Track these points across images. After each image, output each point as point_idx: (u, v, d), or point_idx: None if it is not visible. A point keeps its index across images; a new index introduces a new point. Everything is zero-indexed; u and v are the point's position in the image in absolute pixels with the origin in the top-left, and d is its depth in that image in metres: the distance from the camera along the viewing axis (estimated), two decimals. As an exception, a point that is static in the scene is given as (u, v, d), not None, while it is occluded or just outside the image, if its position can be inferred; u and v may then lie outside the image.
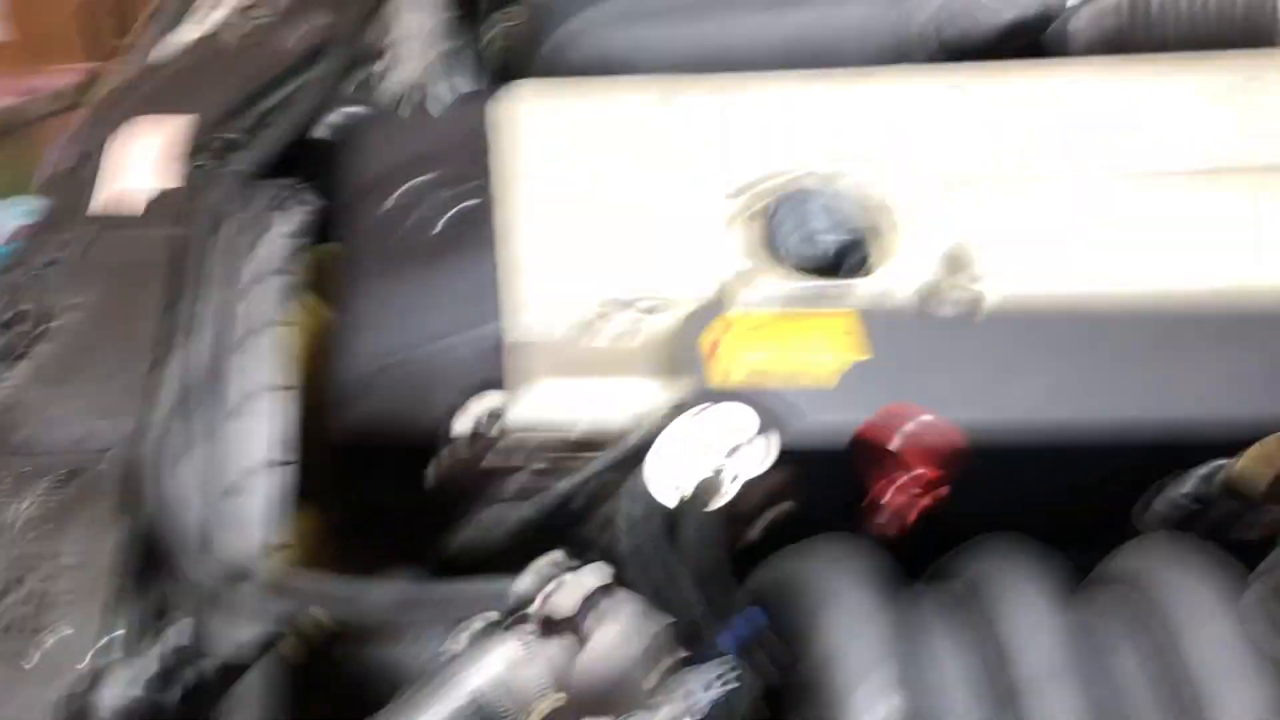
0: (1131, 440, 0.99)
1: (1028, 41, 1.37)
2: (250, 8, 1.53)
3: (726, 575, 0.95)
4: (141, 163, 1.34)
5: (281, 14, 1.53)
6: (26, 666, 0.93)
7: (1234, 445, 0.98)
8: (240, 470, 1.06)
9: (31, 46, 2.90)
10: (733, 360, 1.01)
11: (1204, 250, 1.11)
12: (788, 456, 0.99)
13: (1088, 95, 1.24)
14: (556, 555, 0.92)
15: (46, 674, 0.92)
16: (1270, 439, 0.97)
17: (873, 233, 1.10)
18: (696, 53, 1.44)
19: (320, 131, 1.36)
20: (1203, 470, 0.97)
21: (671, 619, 0.98)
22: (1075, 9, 1.36)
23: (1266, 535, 0.97)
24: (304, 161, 1.33)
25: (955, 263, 1.10)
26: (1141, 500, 1.00)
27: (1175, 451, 0.99)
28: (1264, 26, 1.35)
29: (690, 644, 0.98)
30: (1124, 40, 1.37)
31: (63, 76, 2.88)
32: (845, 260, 1.09)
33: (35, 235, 1.26)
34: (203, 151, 1.34)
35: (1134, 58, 1.31)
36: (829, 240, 1.09)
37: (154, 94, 1.42)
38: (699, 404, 0.99)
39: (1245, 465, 0.97)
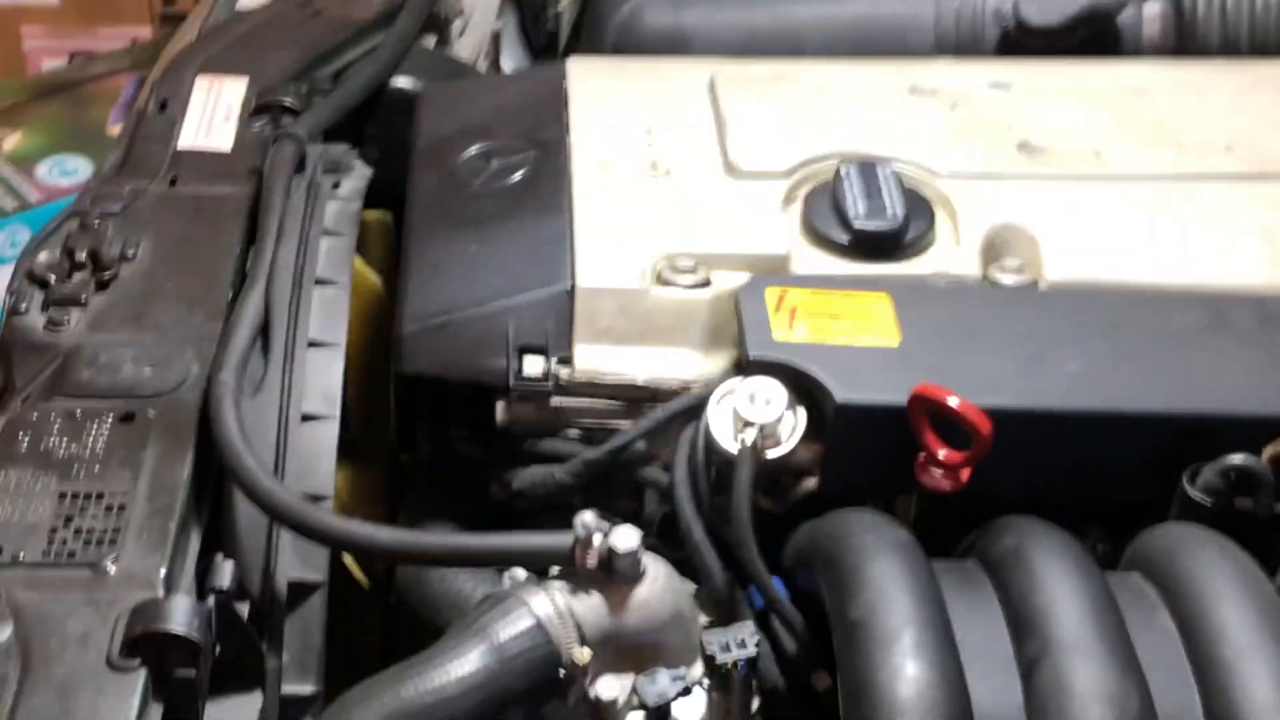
0: (1167, 427, 1.02)
1: (1102, 27, 1.40)
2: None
3: (754, 547, 0.99)
4: (207, 120, 1.38)
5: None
6: (89, 596, 0.97)
7: (1262, 436, 1.01)
8: (297, 418, 1.09)
9: (79, 11, 2.94)
10: (792, 323, 1.05)
11: (1242, 249, 1.14)
12: (822, 430, 1.03)
13: (1142, 93, 1.28)
14: (588, 516, 0.95)
15: (108, 603, 0.96)
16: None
17: (923, 216, 1.14)
18: (756, 35, 1.49)
19: (388, 93, 1.40)
20: (1229, 462, 1.00)
21: (698, 585, 1.03)
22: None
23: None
24: (371, 121, 1.37)
25: (1003, 248, 1.13)
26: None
27: (1207, 439, 1.02)
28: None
29: (717, 608, 1.03)
30: (1193, 35, 1.40)
31: (109, 41, 2.93)
32: (896, 242, 1.12)
33: (104, 185, 1.30)
34: (265, 113, 1.38)
35: (1189, 60, 1.35)
36: (879, 221, 1.12)
37: (222, 54, 1.46)
38: (743, 371, 1.03)
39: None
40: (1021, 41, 1.41)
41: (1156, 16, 1.40)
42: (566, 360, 1.08)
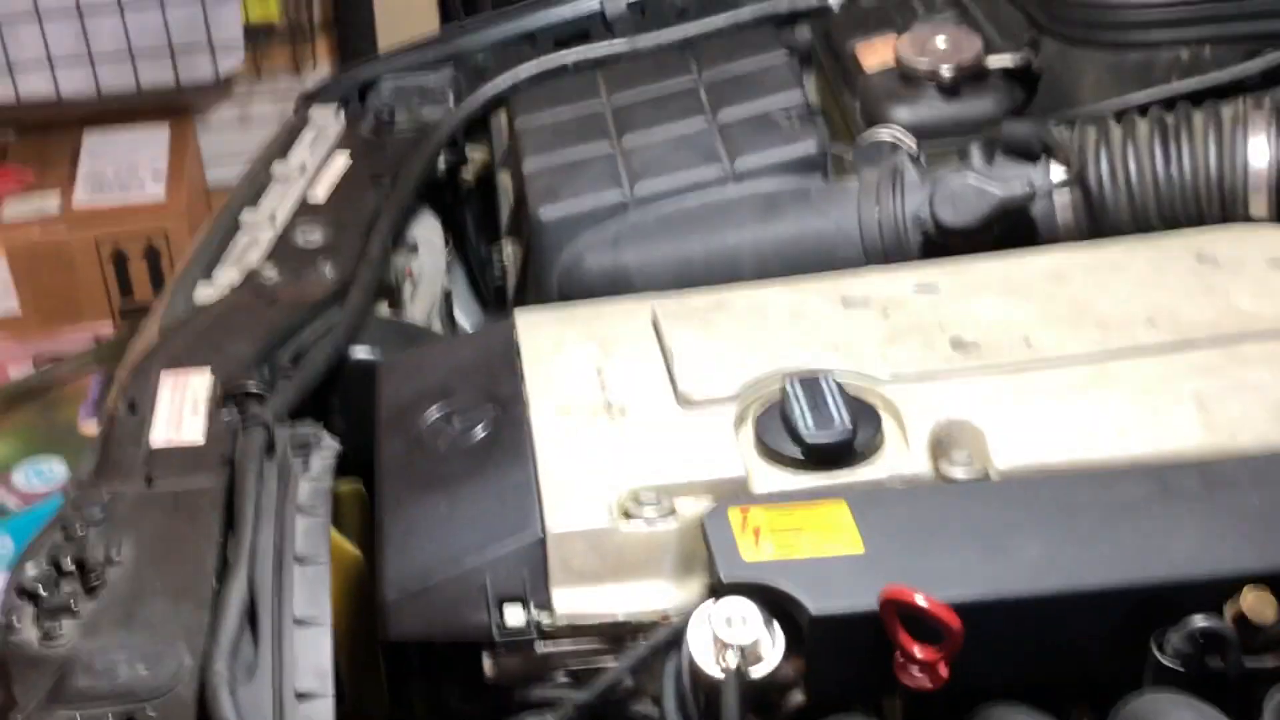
0: (1129, 597, 1.06)
1: (1016, 220, 1.47)
2: (259, 270, 1.64)
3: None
4: (175, 415, 1.42)
5: (293, 269, 1.64)
6: None
7: (1221, 595, 1.05)
8: (291, 697, 1.12)
9: (40, 315, 3.01)
10: (758, 543, 1.09)
11: (1178, 418, 1.19)
12: (800, 643, 1.06)
13: (1061, 279, 1.34)
14: None
15: None
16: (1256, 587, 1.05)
17: (869, 422, 1.18)
18: (693, 264, 1.55)
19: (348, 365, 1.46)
20: (1195, 625, 1.03)
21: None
22: (1059, 186, 1.47)
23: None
24: (334, 394, 1.42)
25: (950, 444, 1.18)
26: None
27: (1169, 605, 1.05)
28: (1235, 202, 1.45)
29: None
30: (1104, 217, 1.47)
31: (72, 341, 3.00)
32: (847, 450, 1.17)
33: (82, 491, 1.33)
34: (231, 401, 1.42)
35: (1103, 242, 1.42)
36: (828, 433, 1.16)
37: (184, 349, 1.51)
38: (717, 594, 1.07)
39: (1251, 605, 1.04)
40: (942, 243, 1.47)
41: (1068, 204, 1.47)
42: (546, 606, 1.12)
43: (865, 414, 1.19)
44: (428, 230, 1.84)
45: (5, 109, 3.09)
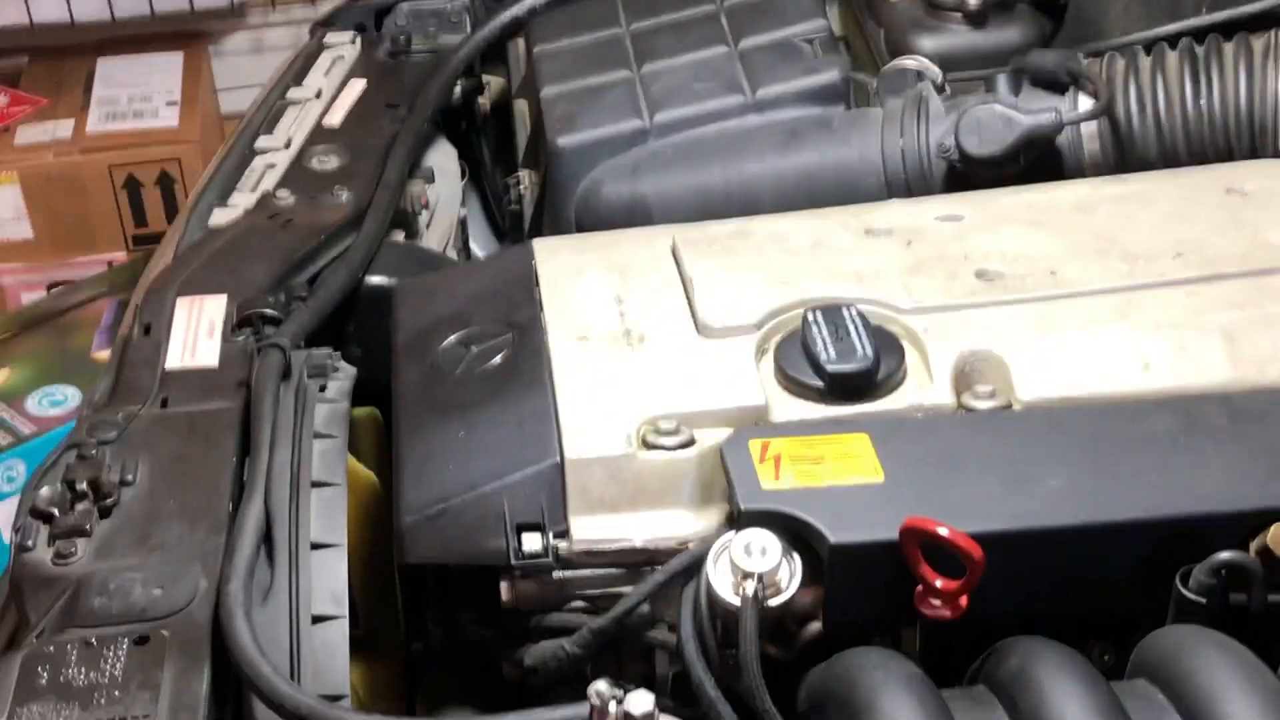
0: (1153, 531, 1.05)
1: (1042, 152, 1.45)
2: (274, 195, 1.63)
3: (767, 695, 1.01)
4: (191, 339, 1.41)
5: (309, 194, 1.63)
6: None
7: (1246, 530, 1.04)
8: (307, 620, 1.12)
9: (53, 242, 3.00)
10: (778, 472, 1.08)
11: (1205, 351, 1.17)
12: (819, 573, 1.05)
13: (1087, 211, 1.32)
14: (601, 685, 0.97)
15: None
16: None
17: (892, 353, 1.17)
18: (712, 195, 1.53)
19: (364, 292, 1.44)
20: (1219, 558, 1.02)
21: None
22: (1085, 116, 1.45)
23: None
24: (350, 320, 1.41)
25: (974, 375, 1.17)
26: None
27: (1194, 540, 1.04)
28: (1265, 135, 1.43)
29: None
30: (1131, 150, 1.45)
31: (85, 269, 2.98)
32: (869, 381, 1.15)
33: (97, 413, 1.33)
34: (247, 326, 1.41)
35: (1130, 175, 1.40)
36: (851, 363, 1.15)
37: (201, 273, 1.50)
38: (736, 523, 1.06)
39: (1276, 536, 1.03)
40: (967, 174, 1.45)
41: (1095, 135, 1.45)
42: (564, 533, 1.11)
43: (888, 344, 1.18)
44: (443, 158, 1.83)
45: (19, 32, 3.06)
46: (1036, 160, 1.45)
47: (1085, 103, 1.47)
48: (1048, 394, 1.16)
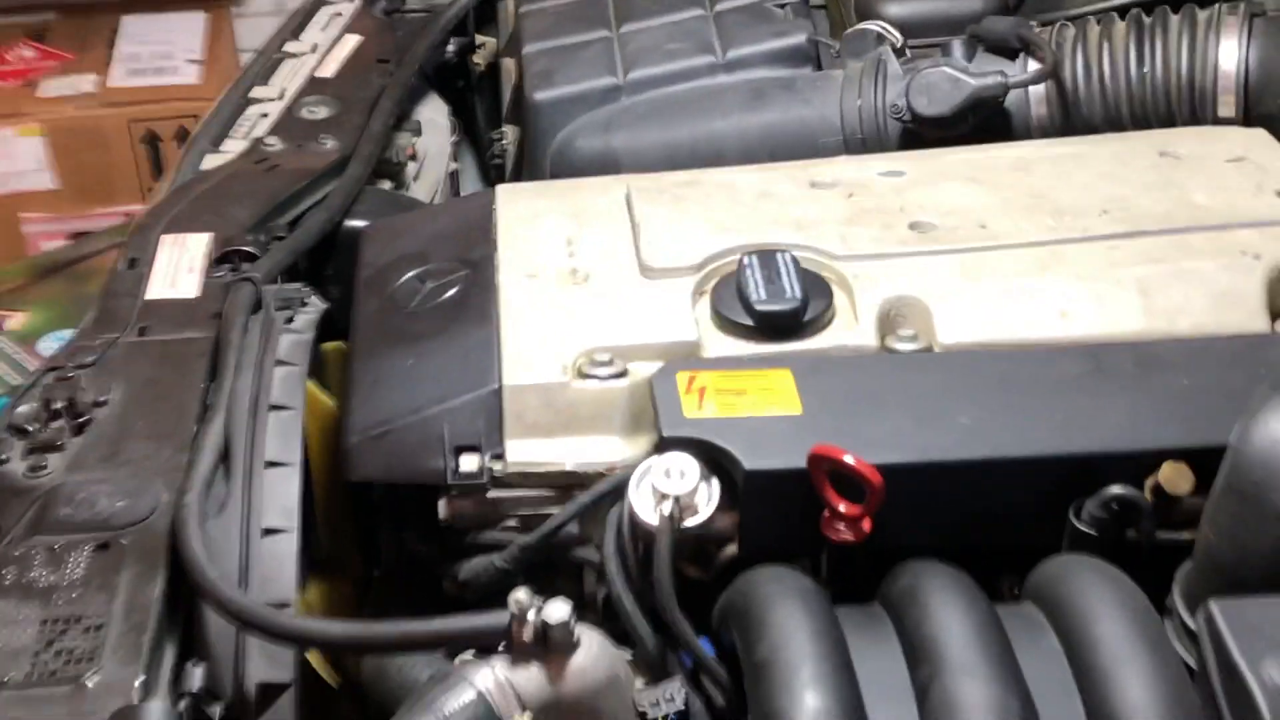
0: (1053, 467, 1.10)
1: (991, 113, 1.51)
2: (264, 140, 1.70)
3: (677, 609, 1.07)
4: (173, 272, 1.48)
5: (296, 141, 1.70)
6: (72, 709, 1.05)
7: (1143, 470, 1.10)
8: (258, 533, 1.19)
9: (75, 193, 3.08)
10: (701, 402, 1.14)
11: (1120, 302, 1.23)
12: (735, 498, 1.11)
13: (1024, 169, 1.38)
14: (521, 593, 1.04)
15: (89, 714, 1.05)
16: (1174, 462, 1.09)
17: (821, 295, 1.23)
18: (679, 149, 1.59)
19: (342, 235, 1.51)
20: (1110, 492, 1.08)
21: (630, 651, 1.11)
22: (1029, 80, 1.50)
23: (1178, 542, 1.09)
24: (329, 262, 1.48)
25: (898, 319, 1.23)
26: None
27: (1092, 477, 1.10)
28: (1204, 103, 1.48)
29: (651, 671, 1.11)
30: (1077, 113, 1.51)
31: (104, 220, 3.07)
32: (796, 320, 1.21)
33: (79, 340, 1.40)
34: (226, 262, 1.48)
35: (1072, 138, 1.46)
36: (779, 303, 1.21)
37: (187, 212, 1.57)
38: (660, 450, 1.12)
39: (1168, 477, 1.09)
40: (919, 133, 1.51)
41: (1042, 99, 1.51)
42: (499, 455, 1.17)
43: (817, 287, 1.24)
44: (433, 111, 1.89)
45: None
46: (986, 122, 1.50)
47: (1034, 68, 1.52)
48: (967, 338, 1.22)
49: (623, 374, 1.19)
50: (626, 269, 1.29)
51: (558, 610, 1.05)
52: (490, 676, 1.05)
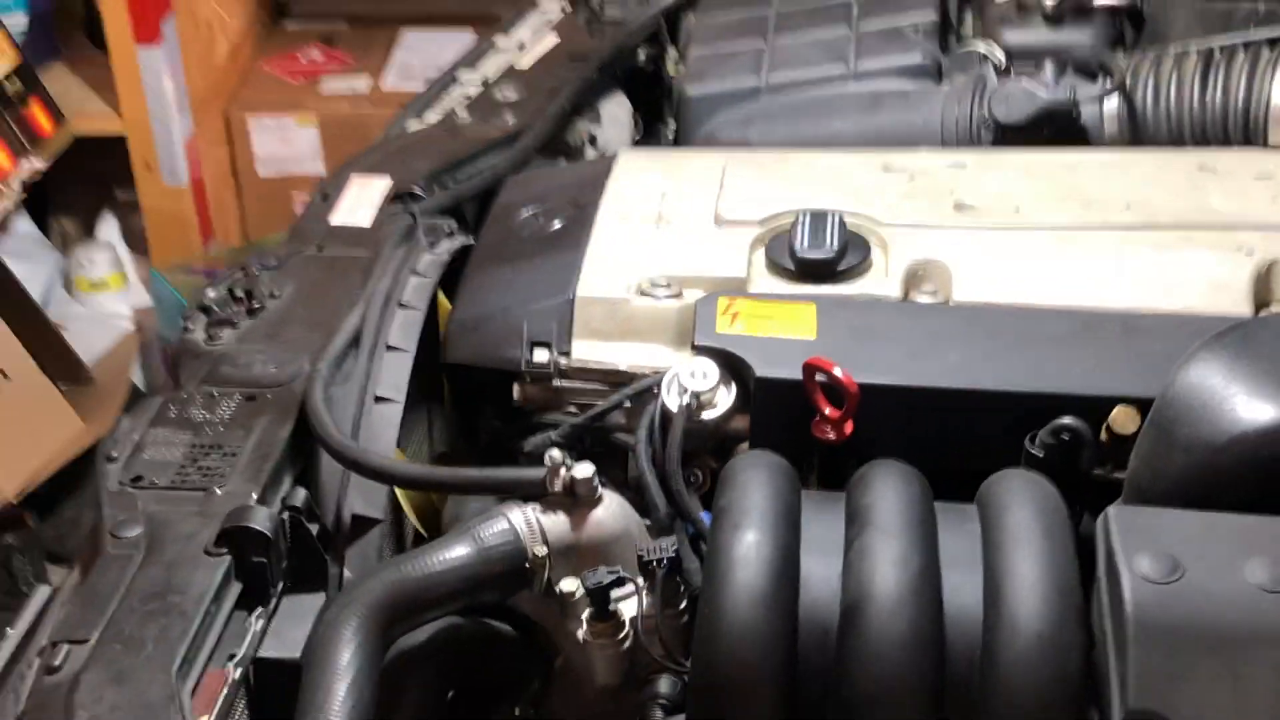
0: (1020, 402, 1.29)
1: (1059, 122, 1.70)
2: (457, 114, 1.98)
3: (682, 480, 1.29)
4: (355, 206, 1.77)
5: (483, 116, 1.98)
6: (199, 509, 1.33)
7: (1097, 412, 1.28)
8: (371, 399, 1.45)
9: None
10: (733, 322, 1.37)
11: (1121, 280, 1.41)
12: (748, 400, 1.33)
13: (1073, 169, 1.56)
14: (555, 452, 1.27)
15: (212, 514, 1.32)
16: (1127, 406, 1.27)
17: (859, 250, 1.44)
18: (804, 142, 1.81)
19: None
20: (1060, 422, 1.26)
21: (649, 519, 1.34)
22: (1101, 96, 1.69)
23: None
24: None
25: (923, 277, 1.43)
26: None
27: (1054, 413, 1.28)
28: (1257, 130, 1.65)
29: (661, 534, 1.33)
30: (1144, 130, 1.69)
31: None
32: (831, 268, 1.43)
33: (270, 250, 1.70)
34: (398, 201, 1.77)
35: (1130, 149, 1.64)
36: (818, 251, 1.43)
37: (378, 161, 1.86)
38: (694, 356, 1.35)
39: (1117, 416, 1.27)
40: (1004, 141, 1.70)
41: (1114, 117, 1.68)
42: (566, 351, 1.42)
43: (855, 243, 1.45)
44: (615, 106, 2.15)
45: (340, 1, 3.54)
46: (1062, 133, 1.69)
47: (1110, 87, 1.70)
48: (978, 297, 1.41)
49: (678, 295, 1.43)
50: (703, 218, 1.52)
51: (584, 469, 1.28)
52: (522, 515, 1.29)
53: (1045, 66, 1.73)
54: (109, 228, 3.47)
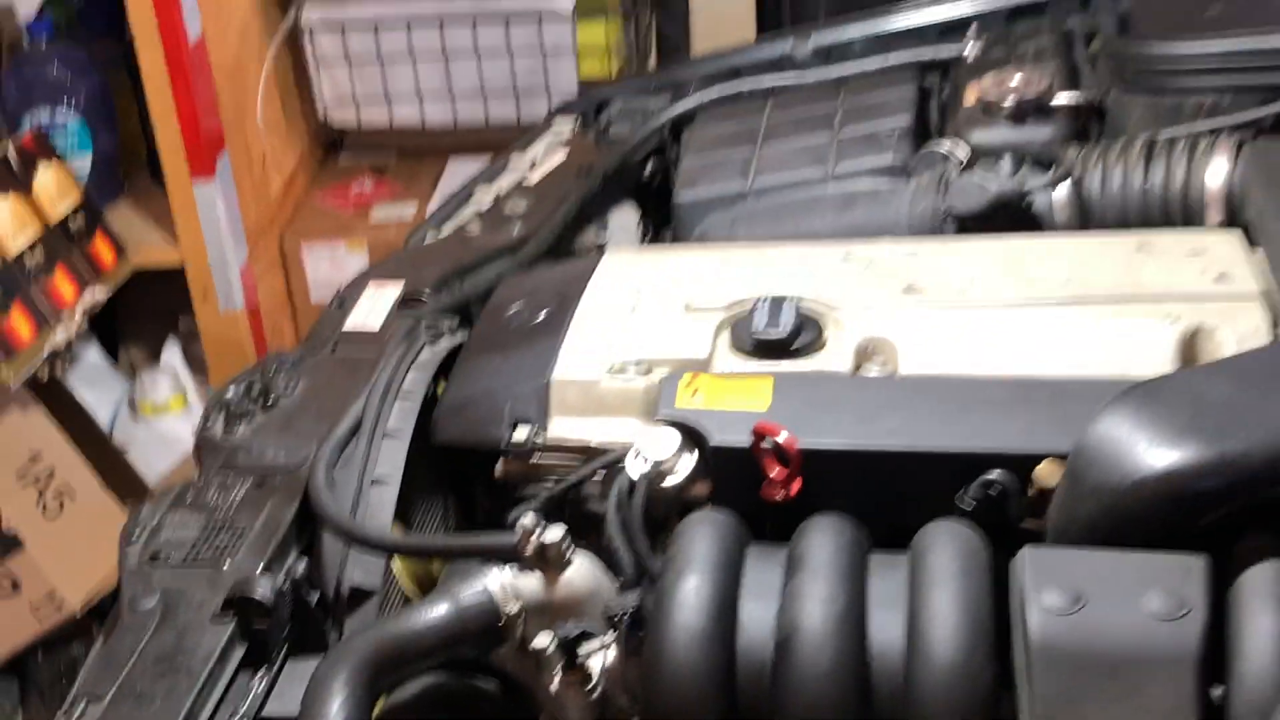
0: (954, 461, 1.40)
1: (1013, 211, 1.82)
2: (467, 225, 2.14)
3: (642, 535, 1.41)
4: (369, 311, 1.92)
5: (493, 227, 2.13)
6: (209, 580, 1.47)
7: (1024, 468, 1.38)
8: (369, 482, 1.58)
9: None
10: (694, 396, 1.49)
11: (1057, 349, 1.52)
12: (708, 467, 1.45)
13: (1022, 252, 1.68)
14: (527, 518, 1.40)
15: (220, 585, 1.46)
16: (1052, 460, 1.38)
17: (812, 330, 1.57)
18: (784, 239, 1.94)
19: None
20: (985, 477, 1.37)
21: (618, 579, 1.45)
22: (1043, 188, 1.81)
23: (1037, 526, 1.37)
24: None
25: (872, 352, 1.55)
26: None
27: (976, 469, 1.39)
28: (1194, 211, 1.76)
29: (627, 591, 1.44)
30: (1092, 216, 1.80)
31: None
32: (785, 346, 1.55)
33: (286, 353, 1.84)
34: (407, 305, 1.91)
35: (1069, 233, 1.76)
36: (774, 330, 1.55)
37: (391, 270, 2.01)
38: (657, 427, 1.47)
39: (1042, 470, 1.37)
40: (965, 230, 1.82)
41: (1065, 204, 1.80)
42: (544, 428, 1.54)
43: (810, 324, 1.57)
44: (624, 216, 2.29)
45: (383, 134, 3.73)
46: (1018, 222, 1.81)
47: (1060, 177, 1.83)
48: (923, 369, 1.52)
49: (647, 373, 1.55)
50: (674, 307, 1.65)
51: (553, 533, 1.40)
52: (498, 578, 1.41)
53: (1003, 160, 1.85)
54: (173, 353, 3.66)
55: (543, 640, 1.39)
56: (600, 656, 1.39)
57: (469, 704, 1.48)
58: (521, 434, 1.55)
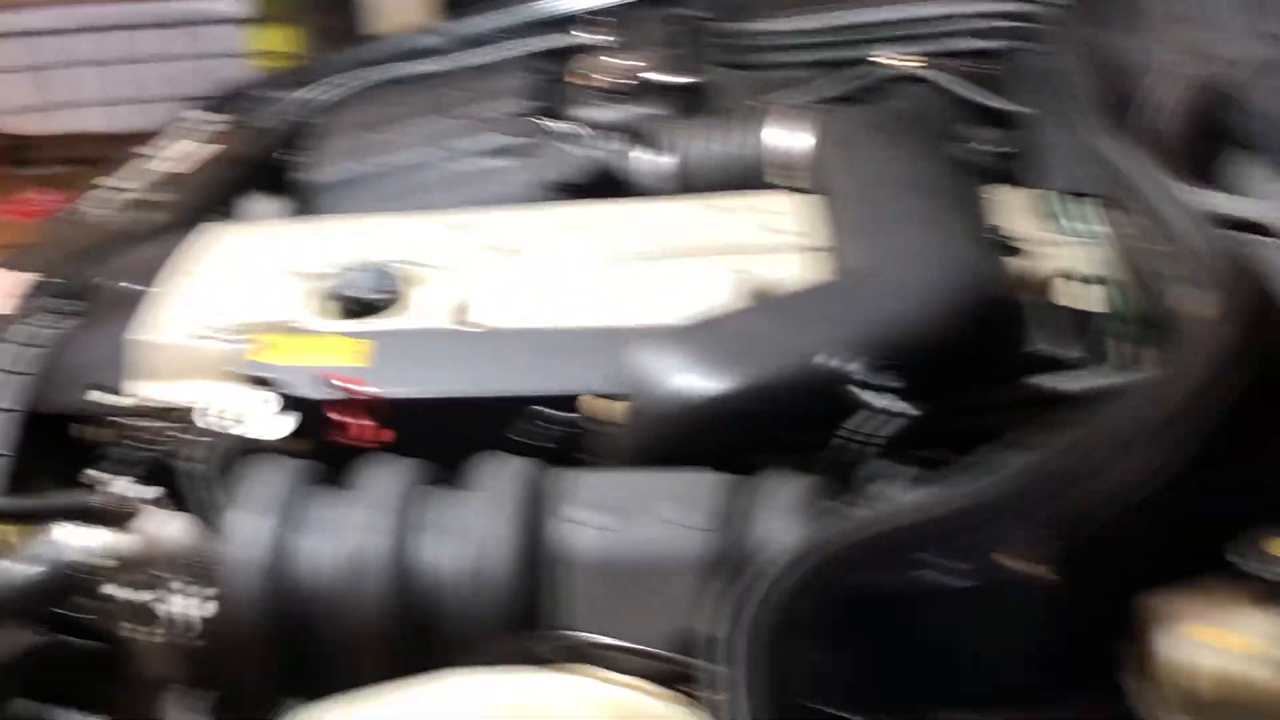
0: (520, 401, 1.49)
1: (619, 182, 1.94)
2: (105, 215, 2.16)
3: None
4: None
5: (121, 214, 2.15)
6: None
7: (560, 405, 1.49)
8: None
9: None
10: (276, 354, 1.55)
11: (608, 300, 1.63)
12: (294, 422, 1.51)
13: (612, 215, 1.79)
14: (93, 473, 1.44)
15: None
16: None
17: (395, 292, 1.64)
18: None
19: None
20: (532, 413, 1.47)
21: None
22: (644, 159, 1.93)
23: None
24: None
25: (458, 310, 1.63)
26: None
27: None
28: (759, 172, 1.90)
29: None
30: (685, 180, 1.92)
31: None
32: (367, 306, 1.62)
33: None
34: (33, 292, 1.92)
35: (661, 198, 1.87)
36: (367, 294, 1.63)
37: (24, 258, 2.02)
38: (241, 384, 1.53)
39: (585, 404, 1.48)
40: (567, 198, 1.92)
41: (654, 170, 1.93)
42: (119, 393, 1.60)
43: (392, 282, 1.65)
44: (263, 203, 2.32)
45: (63, 142, 3.71)
46: (615, 190, 1.91)
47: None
48: (509, 324, 1.60)
49: (237, 338, 1.60)
50: (270, 274, 1.70)
51: (119, 486, 1.46)
52: (68, 532, 1.45)
53: (597, 135, 1.96)
54: None
55: (121, 593, 1.43)
56: (179, 602, 1.43)
57: (61, 662, 1.50)
58: (103, 398, 1.59)
